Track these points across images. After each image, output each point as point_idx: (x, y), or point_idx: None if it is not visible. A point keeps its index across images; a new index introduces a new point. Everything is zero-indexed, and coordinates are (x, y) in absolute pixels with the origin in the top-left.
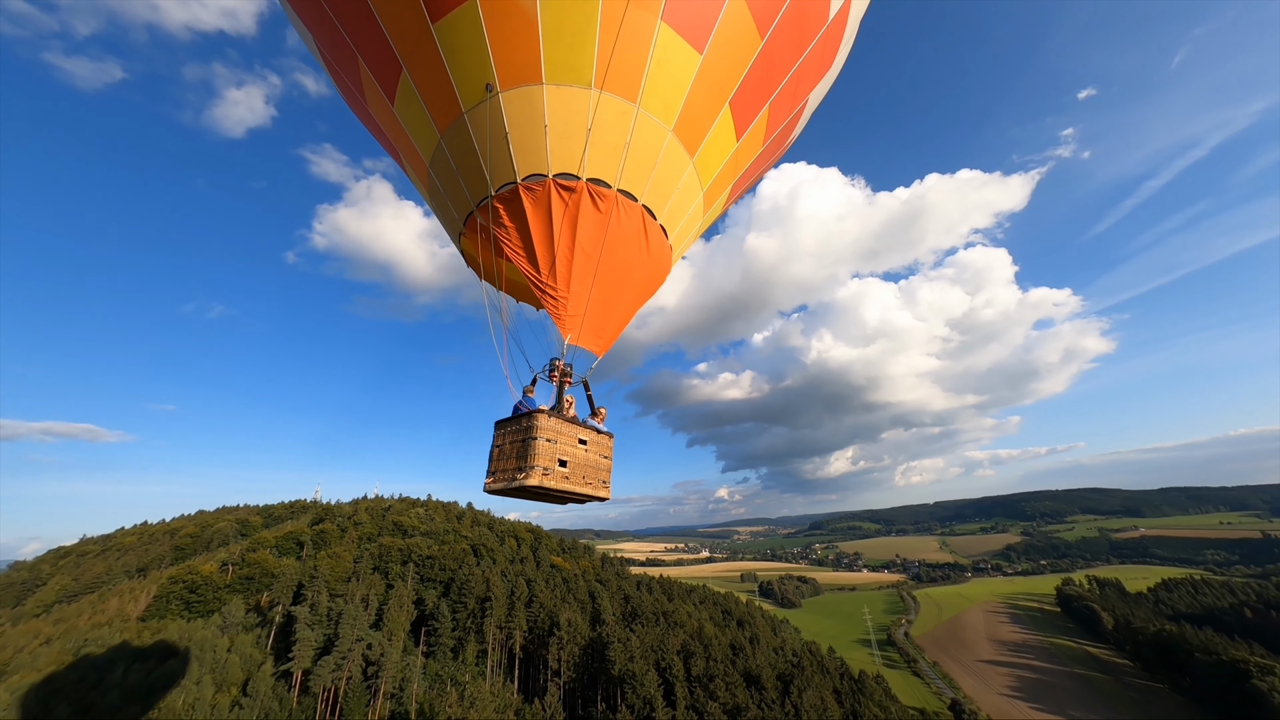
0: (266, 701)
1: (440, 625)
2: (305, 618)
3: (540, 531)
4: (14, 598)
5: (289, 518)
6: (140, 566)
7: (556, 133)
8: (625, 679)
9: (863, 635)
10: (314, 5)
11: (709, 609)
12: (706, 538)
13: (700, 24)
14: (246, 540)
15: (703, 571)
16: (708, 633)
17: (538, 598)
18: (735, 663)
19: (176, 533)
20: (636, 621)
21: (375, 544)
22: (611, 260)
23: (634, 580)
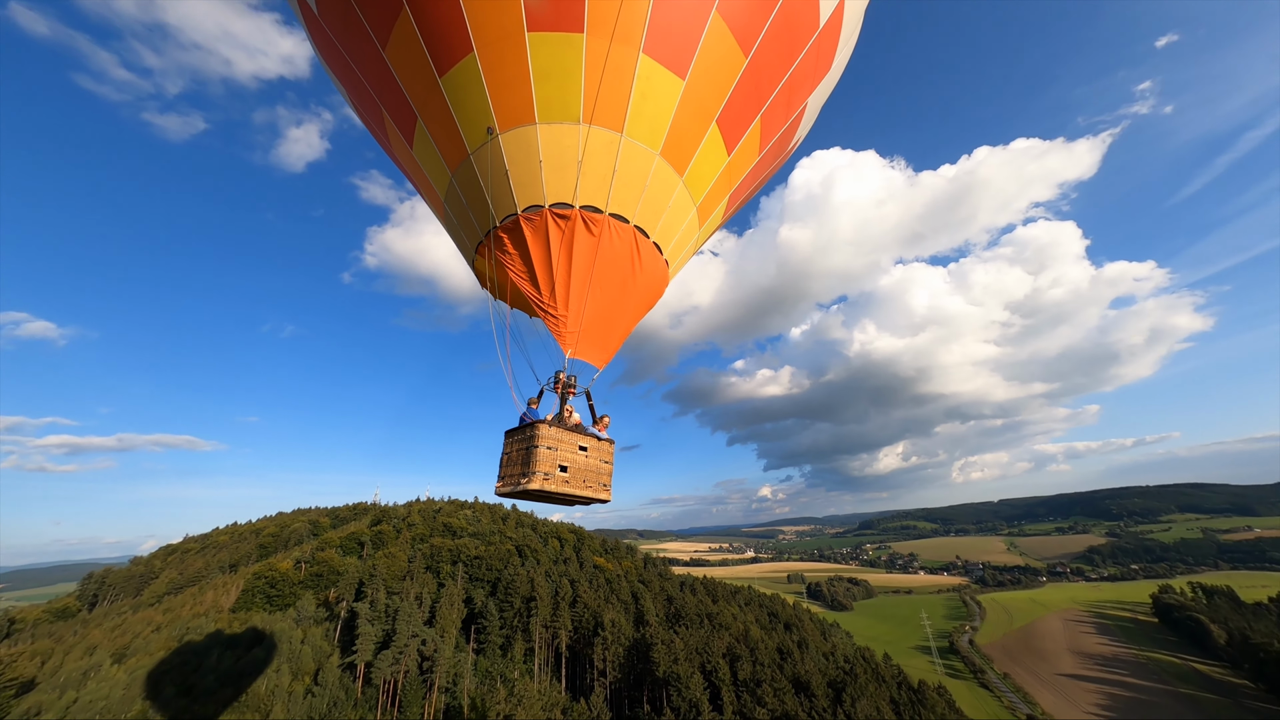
0: (334, 690)
1: (489, 623)
2: (366, 613)
3: (582, 532)
4: (134, 589)
5: (352, 519)
6: (231, 563)
7: (550, 166)
8: (670, 681)
9: (921, 642)
10: (343, 64)
11: (755, 611)
12: (751, 537)
13: (681, 52)
14: (316, 540)
15: (748, 572)
16: (754, 636)
17: (581, 598)
18: (783, 668)
19: (260, 532)
20: (680, 623)
21: (427, 544)
22: (606, 279)
23: (677, 581)
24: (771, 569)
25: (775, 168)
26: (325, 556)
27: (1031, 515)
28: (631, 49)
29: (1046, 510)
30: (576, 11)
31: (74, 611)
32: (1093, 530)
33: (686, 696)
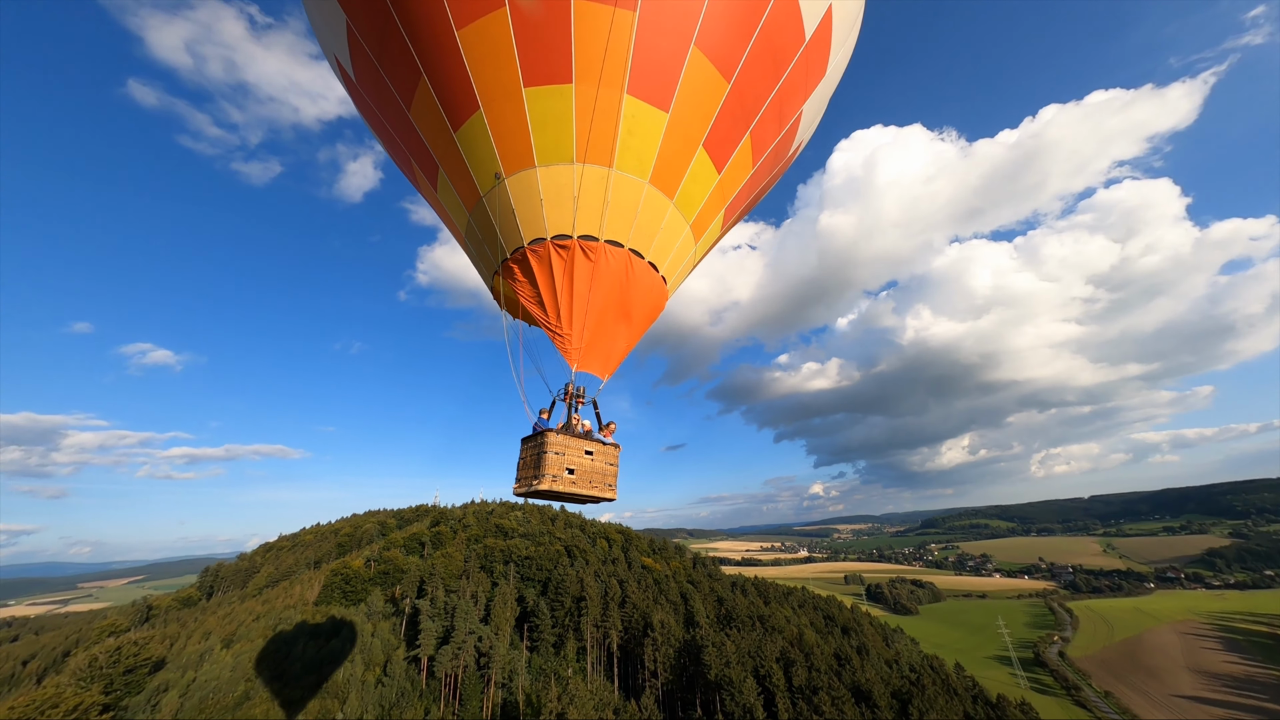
0: (401, 681)
1: (541, 622)
2: (427, 610)
3: (630, 533)
4: (240, 581)
5: (414, 520)
6: (315, 560)
7: (550, 203)
8: (722, 685)
9: (999, 651)
10: (378, 120)
11: (809, 614)
12: (803, 536)
13: (662, 88)
14: (383, 540)
15: (801, 572)
16: (808, 640)
17: (630, 598)
18: (841, 675)
19: (338, 532)
20: (731, 625)
21: (480, 545)
22: (604, 300)
23: (727, 581)
24: (826, 569)
25: (777, 175)
26: (390, 555)
27: (1131, 513)
28: (616, 91)
29: (1150, 507)
30: (565, 65)
31: (195, 600)
32: (1212, 530)
33: (740, 701)
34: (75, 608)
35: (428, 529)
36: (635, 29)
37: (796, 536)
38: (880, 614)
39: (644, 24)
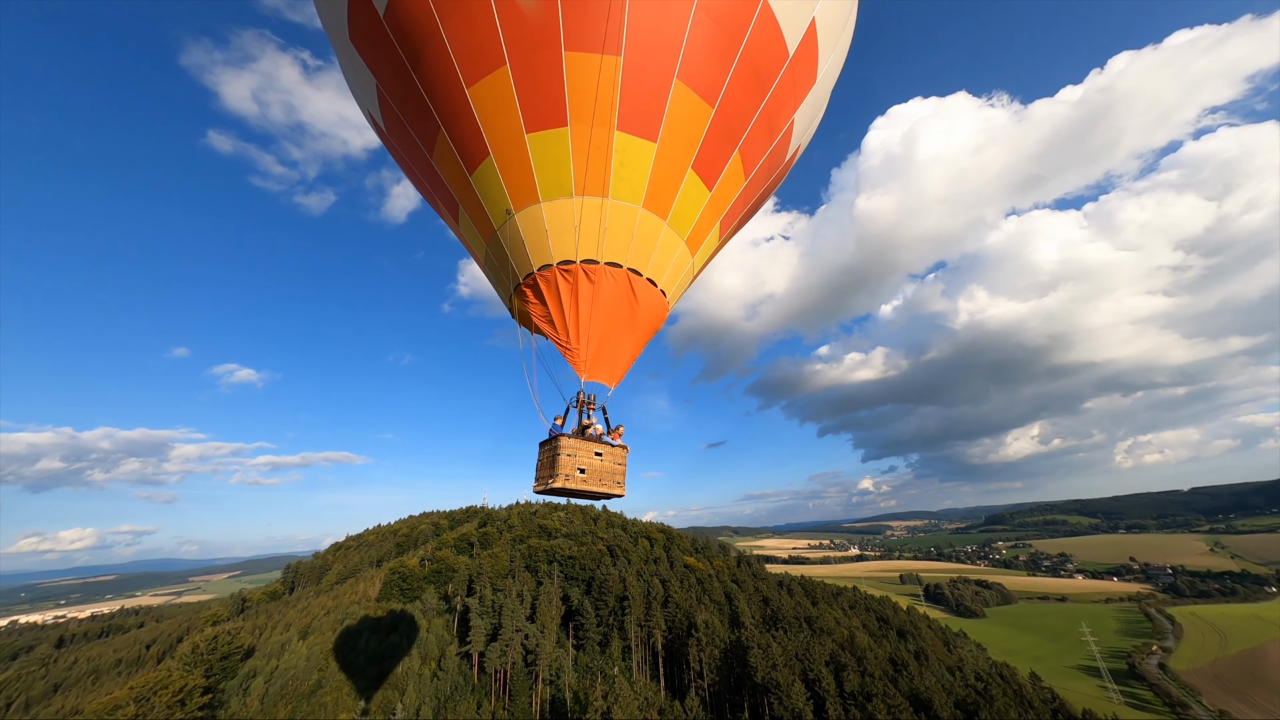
0: (455, 675)
1: (585, 620)
2: (476, 608)
3: (671, 532)
4: (316, 578)
5: (464, 521)
6: (377, 559)
7: (555, 233)
8: (770, 688)
9: (1084, 661)
10: (406, 165)
11: (861, 615)
12: (854, 533)
13: (649, 121)
14: (436, 540)
15: (852, 571)
16: (860, 643)
17: (673, 598)
18: (897, 681)
19: (396, 533)
20: (778, 626)
21: (525, 545)
22: (607, 317)
23: (773, 581)
24: (879, 568)
25: (775, 181)
26: (442, 555)
27: (1244, 506)
28: (607, 129)
29: (1266, 499)
30: (560, 110)
31: (279, 594)
32: None
33: (788, 706)
34: (187, 599)
35: (476, 530)
36: (621, 72)
37: (846, 534)
38: (941, 616)
39: (628, 66)
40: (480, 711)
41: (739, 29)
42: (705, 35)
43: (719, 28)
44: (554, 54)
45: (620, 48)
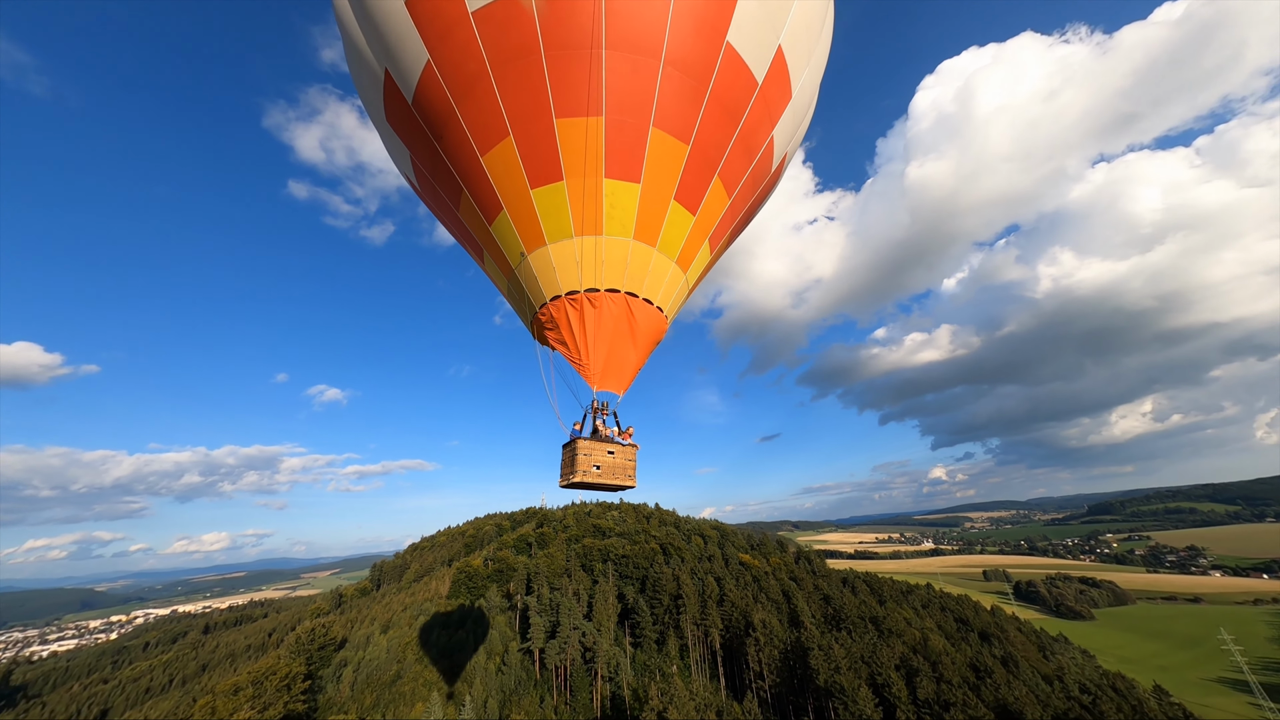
0: (518, 670)
1: (641, 619)
2: (535, 606)
3: (726, 528)
4: (397, 576)
5: (524, 522)
6: (448, 559)
7: (561, 269)
8: (833, 692)
9: (1227, 673)
10: (438, 215)
11: (936, 615)
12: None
13: (631, 166)
14: (497, 541)
15: (926, 566)
16: (935, 646)
17: (728, 597)
18: (980, 690)
19: (464, 534)
20: (840, 626)
21: (580, 545)
22: (610, 334)
23: (836, 578)
24: (959, 563)
25: (763, 192)
26: (502, 555)
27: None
28: (596, 178)
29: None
30: (556, 168)
31: (368, 591)
32: None
33: (854, 711)
34: (300, 593)
35: (534, 530)
36: (604, 129)
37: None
38: (1035, 618)
39: (610, 123)
40: (543, 706)
41: (705, 73)
42: (674, 85)
43: (686, 76)
44: (547, 122)
45: (601, 109)
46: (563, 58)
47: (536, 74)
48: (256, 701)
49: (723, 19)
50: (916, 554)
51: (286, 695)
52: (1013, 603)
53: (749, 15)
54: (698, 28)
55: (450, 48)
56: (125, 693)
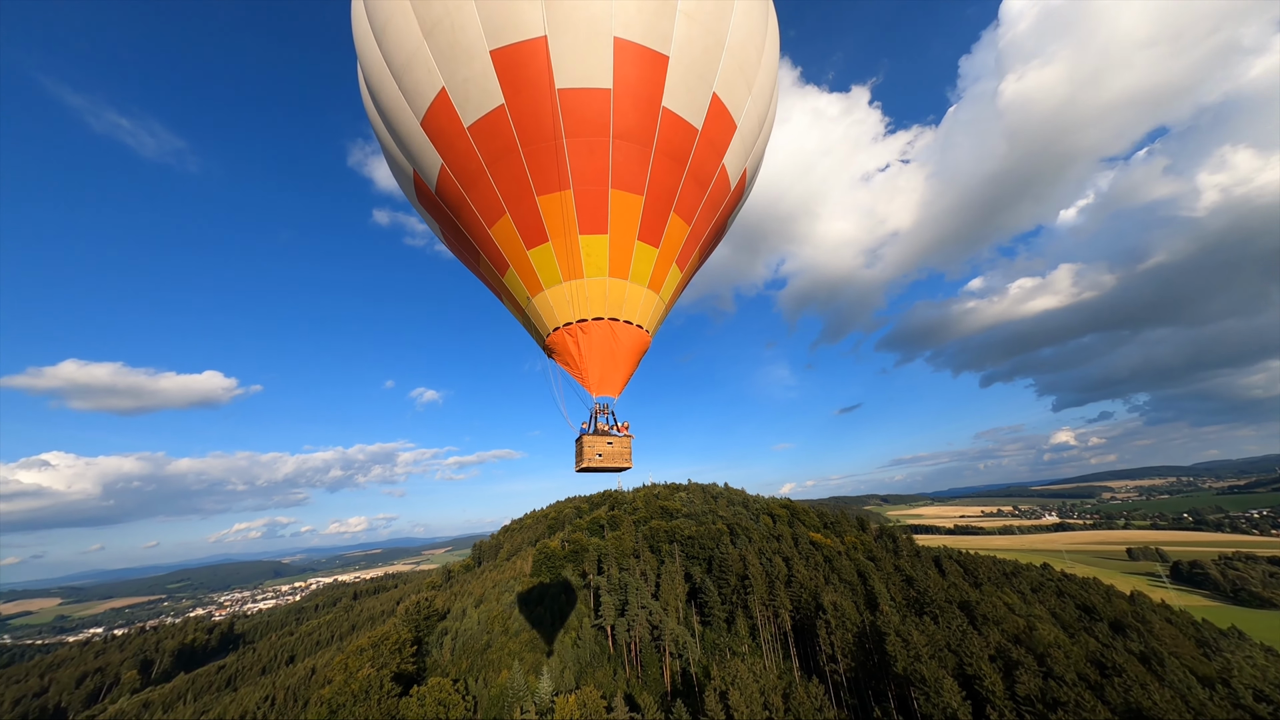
0: (592, 645)
1: (709, 599)
2: (604, 585)
3: (796, 507)
4: (492, 554)
5: (600, 505)
6: (533, 539)
7: (556, 307)
8: (912, 680)
9: None
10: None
11: (1050, 600)
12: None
13: (598, 222)
14: (574, 524)
15: (1050, 542)
16: (1044, 636)
17: (797, 577)
18: (1103, 690)
19: (547, 516)
20: (924, 611)
21: (647, 526)
22: (599, 353)
23: (926, 556)
24: (1093, 540)
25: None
26: (576, 537)
27: None
28: (573, 236)
29: None
30: (542, 232)
31: (471, 567)
32: None
33: (937, 703)
34: (422, 568)
35: (606, 513)
36: (574, 198)
37: (1037, 498)
38: (1200, 605)
39: (577, 193)
40: (615, 679)
41: (647, 138)
42: (623, 153)
43: (632, 143)
44: (531, 200)
45: (569, 184)
46: (536, 150)
47: (519, 165)
48: (375, 661)
49: (656, 91)
50: (1034, 529)
51: (399, 657)
52: (1168, 586)
53: (679, 80)
54: (636, 104)
55: (456, 153)
56: (304, 643)
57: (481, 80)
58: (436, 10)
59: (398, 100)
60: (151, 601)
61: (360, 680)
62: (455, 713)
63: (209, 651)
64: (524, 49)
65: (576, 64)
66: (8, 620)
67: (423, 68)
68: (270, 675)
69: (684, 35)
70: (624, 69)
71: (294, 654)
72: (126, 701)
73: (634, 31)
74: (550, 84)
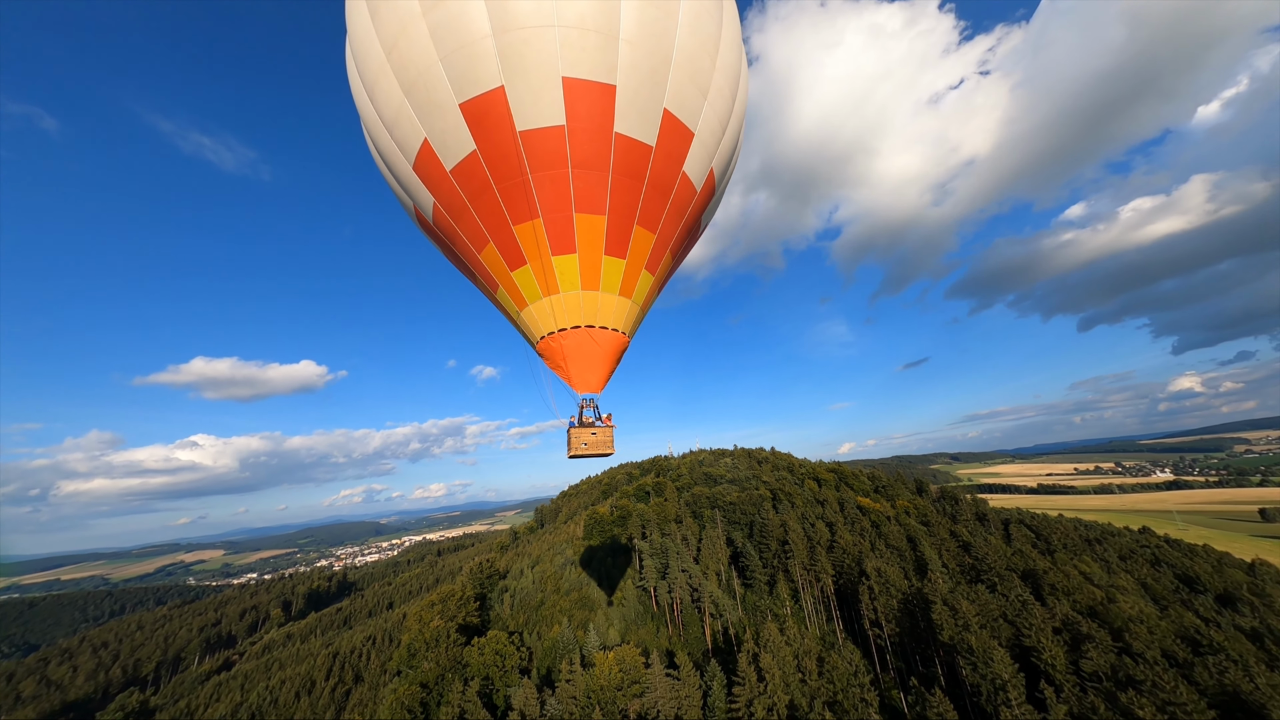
0: (635, 605)
1: (750, 563)
2: (646, 549)
3: (845, 470)
4: (553, 517)
5: (649, 471)
6: (587, 504)
7: (540, 319)
8: (959, 649)
9: None
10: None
11: (1141, 569)
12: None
13: (567, 243)
14: (623, 489)
15: (1158, 502)
16: (1124, 609)
17: (839, 543)
18: (1192, 670)
19: (601, 483)
20: (982, 579)
21: (690, 493)
22: (579, 356)
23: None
24: (1217, 499)
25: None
26: (624, 503)
27: None
28: (547, 258)
29: None
30: (520, 256)
31: (534, 529)
32: None
33: (985, 673)
34: (496, 528)
35: (652, 480)
36: (543, 225)
37: (1147, 453)
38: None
39: (546, 221)
40: (658, 636)
41: (603, 164)
42: (582, 180)
43: (590, 170)
44: (508, 229)
45: (538, 213)
46: (508, 186)
47: (495, 200)
48: (444, 614)
49: (607, 119)
50: (1140, 488)
51: (465, 611)
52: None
53: (628, 104)
54: (589, 135)
55: (443, 192)
56: (399, 592)
57: (455, 130)
58: (411, 72)
59: (391, 147)
60: (287, 554)
61: (431, 630)
62: (510, 662)
63: (330, 595)
64: (486, 99)
65: (531, 107)
66: (190, 566)
67: (407, 121)
68: (375, 618)
69: (628, 62)
70: (575, 105)
71: (392, 601)
72: (275, 633)
73: (580, 69)
74: (512, 128)
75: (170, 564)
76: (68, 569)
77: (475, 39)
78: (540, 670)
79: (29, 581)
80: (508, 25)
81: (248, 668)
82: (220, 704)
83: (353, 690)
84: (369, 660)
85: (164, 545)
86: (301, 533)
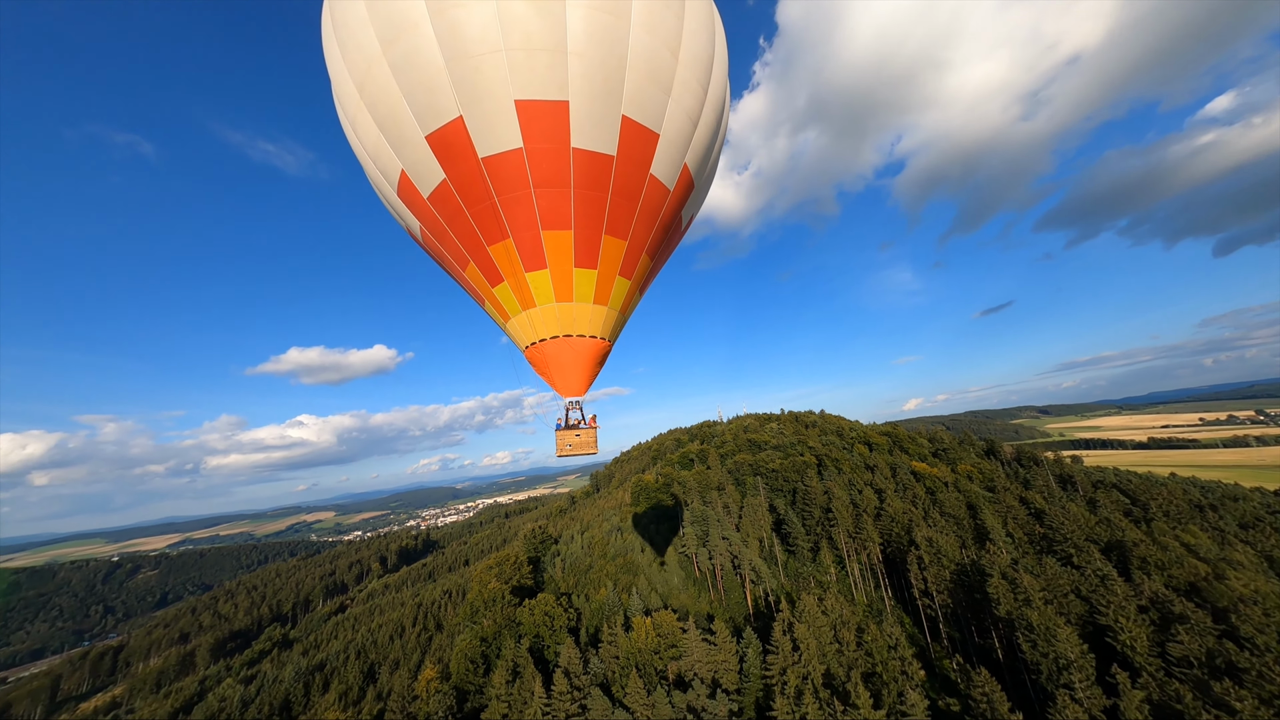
0: (678, 570)
1: (793, 530)
2: (688, 517)
3: (899, 434)
4: (606, 482)
5: (696, 437)
6: (638, 470)
7: (522, 331)
8: (1017, 625)
9: None
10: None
11: (1269, 539)
12: None
13: (538, 260)
14: (668, 457)
15: None
16: (1232, 588)
17: (887, 510)
18: None
19: (650, 449)
20: (1055, 550)
21: (732, 460)
22: (561, 363)
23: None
24: None
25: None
26: (668, 471)
27: None
28: (521, 274)
29: None
30: (498, 274)
31: (590, 493)
32: None
33: (1047, 651)
34: (558, 491)
35: (697, 447)
36: (514, 244)
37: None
38: None
39: (516, 240)
40: (699, 601)
41: (564, 180)
42: (547, 199)
43: (552, 188)
44: (484, 250)
45: (509, 234)
46: (478, 210)
47: (468, 224)
48: (500, 576)
49: (563, 136)
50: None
51: (520, 573)
52: None
53: (584, 117)
54: (547, 155)
55: (425, 217)
56: (474, 550)
57: (426, 161)
58: (382, 109)
59: (378, 176)
60: (382, 515)
61: (489, 591)
62: (559, 622)
63: (417, 552)
64: (449, 130)
65: (489, 133)
66: (311, 525)
67: (385, 154)
68: (454, 573)
69: (579, 75)
70: (529, 126)
71: (468, 558)
72: (375, 583)
73: (531, 90)
74: (474, 155)
75: (296, 523)
76: (223, 526)
77: (432, 72)
78: (589, 630)
79: (197, 536)
80: (458, 54)
81: (356, 611)
82: (336, 640)
83: (434, 637)
84: (446, 611)
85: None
86: (392, 497)
